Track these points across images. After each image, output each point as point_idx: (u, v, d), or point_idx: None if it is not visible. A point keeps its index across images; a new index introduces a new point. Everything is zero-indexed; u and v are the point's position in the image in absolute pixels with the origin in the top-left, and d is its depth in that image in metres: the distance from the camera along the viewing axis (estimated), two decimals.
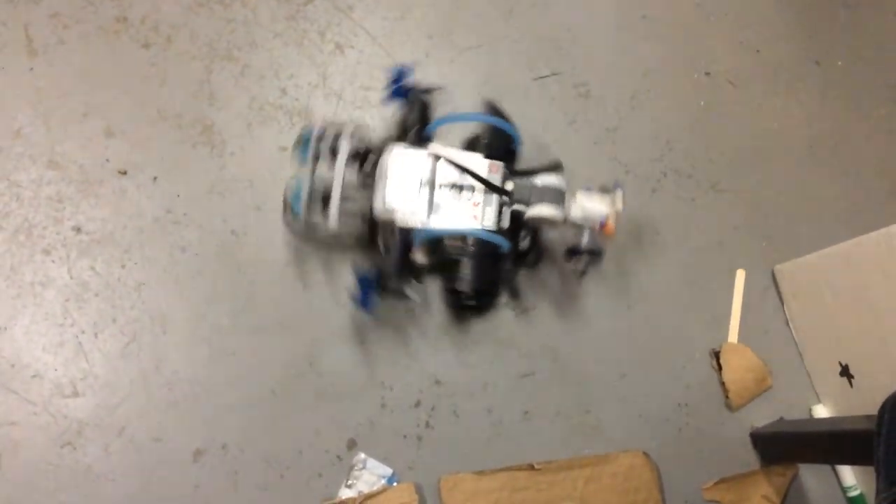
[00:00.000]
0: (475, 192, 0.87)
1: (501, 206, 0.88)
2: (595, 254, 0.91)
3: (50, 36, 1.01)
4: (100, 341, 0.91)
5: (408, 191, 0.86)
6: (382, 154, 0.86)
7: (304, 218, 0.86)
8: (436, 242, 0.88)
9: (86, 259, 0.93)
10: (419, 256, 0.87)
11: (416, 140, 0.90)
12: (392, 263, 0.88)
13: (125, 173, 0.97)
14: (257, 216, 0.97)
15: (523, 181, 0.89)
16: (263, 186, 0.99)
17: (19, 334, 0.90)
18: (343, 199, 0.85)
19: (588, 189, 0.90)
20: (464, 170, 0.86)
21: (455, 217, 0.86)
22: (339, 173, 0.85)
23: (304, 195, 0.85)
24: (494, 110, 0.95)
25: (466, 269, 0.90)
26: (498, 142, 0.92)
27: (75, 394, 0.89)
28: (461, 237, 0.88)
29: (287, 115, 1.03)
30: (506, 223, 0.88)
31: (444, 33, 1.10)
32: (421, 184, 0.86)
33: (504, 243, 0.88)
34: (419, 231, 0.86)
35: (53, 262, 0.93)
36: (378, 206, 0.85)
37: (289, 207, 0.87)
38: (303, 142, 0.87)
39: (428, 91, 0.93)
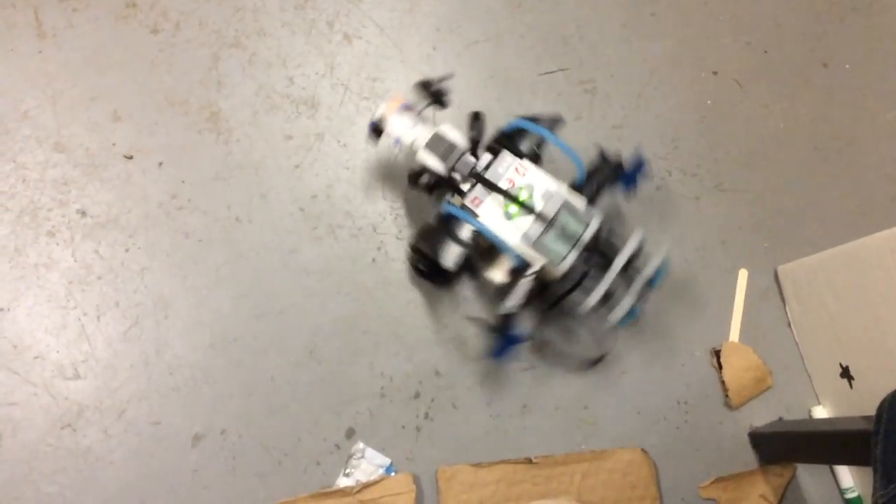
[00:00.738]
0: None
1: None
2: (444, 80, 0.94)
3: (59, 19, 1.01)
4: (102, 324, 0.91)
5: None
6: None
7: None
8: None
9: (90, 242, 0.94)
10: None
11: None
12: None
13: (131, 158, 0.97)
14: (262, 203, 0.98)
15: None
16: (268, 174, 0.99)
17: (22, 316, 0.90)
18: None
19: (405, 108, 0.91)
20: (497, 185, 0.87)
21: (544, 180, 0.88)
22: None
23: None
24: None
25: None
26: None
27: (76, 376, 0.89)
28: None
29: (294, 105, 1.03)
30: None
31: (452, 26, 1.10)
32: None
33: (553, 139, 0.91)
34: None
35: (58, 244, 0.93)
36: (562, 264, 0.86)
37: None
38: None
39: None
